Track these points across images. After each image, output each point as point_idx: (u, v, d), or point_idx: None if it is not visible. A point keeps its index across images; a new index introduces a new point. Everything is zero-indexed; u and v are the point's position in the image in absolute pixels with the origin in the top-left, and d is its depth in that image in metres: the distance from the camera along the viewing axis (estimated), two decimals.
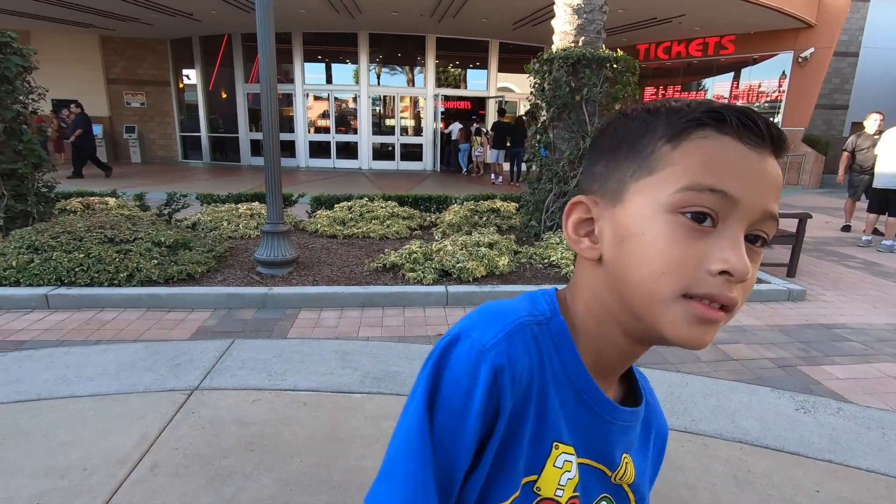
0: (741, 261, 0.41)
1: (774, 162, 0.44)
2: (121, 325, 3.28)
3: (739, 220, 0.42)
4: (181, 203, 5.61)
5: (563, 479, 0.49)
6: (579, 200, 0.49)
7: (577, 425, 0.50)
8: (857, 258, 5.66)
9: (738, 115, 0.42)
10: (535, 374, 0.47)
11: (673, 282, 0.42)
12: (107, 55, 15.49)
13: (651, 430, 0.59)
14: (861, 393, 2.65)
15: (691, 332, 0.42)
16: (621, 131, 0.48)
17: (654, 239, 0.42)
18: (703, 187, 0.41)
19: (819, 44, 12.81)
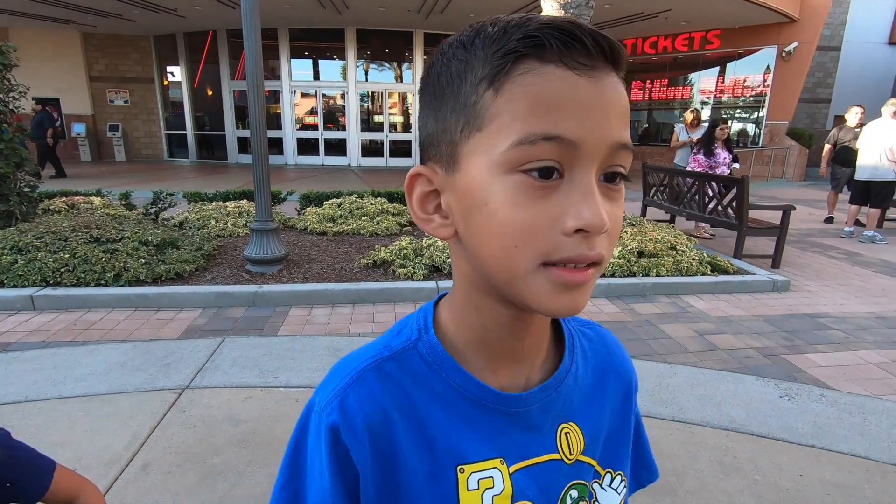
0: (596, 212, 0.35)
1: (613, 80, 0.37)
2: (109, 326, 3.25)
3: (587, 164, 0.36)
4: (168, 202, 5.55)
5: (486, 499, 0.44)
6: (417, 172, 0.42)
7: (495, 432, 0.45)
8: (840, 249, 5.77)
9: (559, 35, 0.35)
10: (394, 413, 0.43)
11: (527, 253, 0.36)
12: (89, 52, 15.22)
13: (607, 379, 0.53)
14: (843, 380, 2.71)
15: (560, 301, 0.37)
16: (442, 76, 0.39)
17: (498, 207, 0.36)
18: (537, 137, 0.34)
19: (802, 38, 12.98)
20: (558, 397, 0.48)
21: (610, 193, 0.38)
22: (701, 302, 3.87)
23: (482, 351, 0.45)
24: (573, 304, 0.38)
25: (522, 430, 0.46)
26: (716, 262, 4.40)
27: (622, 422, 0.54)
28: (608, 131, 0.36)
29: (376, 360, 0.45)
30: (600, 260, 0.37)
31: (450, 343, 0.46)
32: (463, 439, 0.44)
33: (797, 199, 10.09)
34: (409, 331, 0.47)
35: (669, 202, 6.06)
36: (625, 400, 0.55)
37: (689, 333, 3.29)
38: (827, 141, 7.29)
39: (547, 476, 0.47)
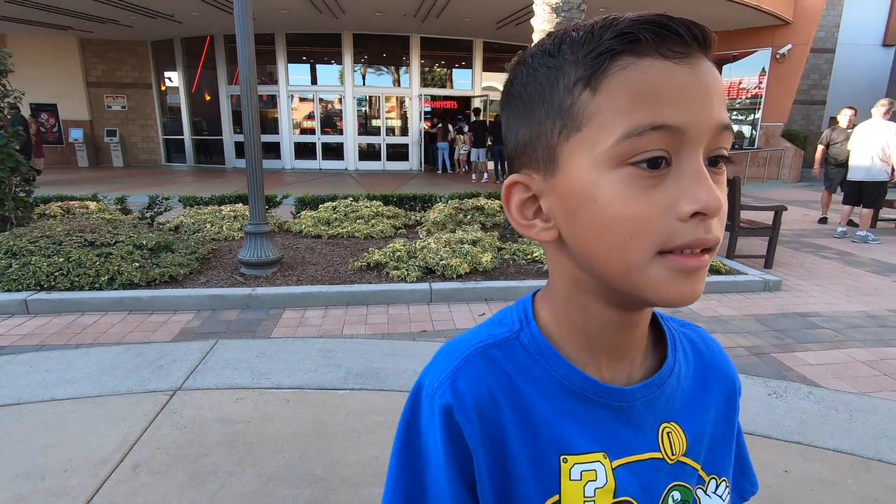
0: (711, 194, 0.35)
1: (707, 64, 0.37)
2: (102, 329, 3.26)
3: (694, 149, 0.36)
4: (163, 206, 5.57)
5: (588, 491, 0.44)
6: (513, 181, 0.44)
7: (598, 425, 0.45)
8: (833, 249, 5.80)
9: (651, 27, 0.36)
10: (501, 397, 0.44)
11: (644, 243, 0.37)
12: (86, 57, 15.27)
13: (710, 381, 0.53)
14: (831, 377, 2.73)
15: (680, 288, 0.37)
16: (530, 86, 0.41)
17: (608, 203, 0.37)
18: (643, 128, 0.35)
19: (796, 40, 13.06)
20: (661, 395, 0.48)
21: (716, 177, 0.38)
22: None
23: (584, 346, 0.46)
24: (692, 290, 0.38)
25: (625, 425, 0.46)
26: None
27: (726, 425, 0.53)
28: (711, 114, 0.37)
29: (483, 346, 0.46)
30: (716, 243, 0.37)
31: (551, 336, 0.46)
32: (566, 430, 0.45)
33: (792, 199, 10.14)
34: (511, 322, 0.48)
35: None
36: (729, 403, 0.54)
37: None
38: (819, 142, 7.34)
39: (649, 474, 0.46)
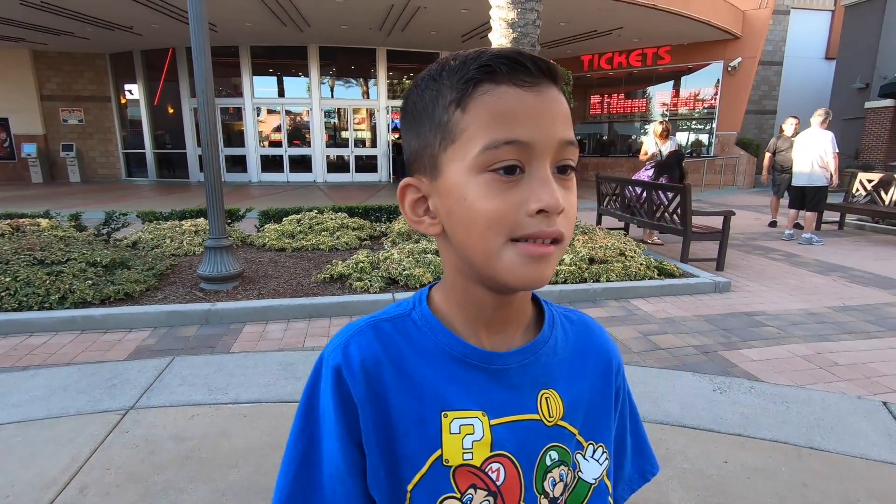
0: (552, 196, 0.43)
1: (555, 92, 0.46)
2: (52, 350, 3.16)
3: (541, 159, 0.44)
4: (121, 222, 5.43)
5: (466, 443, 0.50)
6: (406, 183, 0.51)
7: (478, 388, 0.51)
8: (780, 251, 6.11)
9: (506, 61, 0.44)
10: (386, 362, 0.51)
11: (497, 233, 0.44)
12: (40, 70, 14.78)
13: (587, 356, 0.59)
14: (772, 372, 2.89)
15: (526, 271, 0.45)
16: (419, 104, 0.49)
17: (473, 200, 0.45)
18: (499, 142, 0.43)
19: (745, 54, 13.77)
20: (536, 362, 0.54)
21: (563, 183, 0.46)
22: (647, 304, 4.04)
23: (467, 321, 0.53)
24: (539, 274, 0.45)
25: (504, 388, 0.52)
26: (662, 266, 4.60)
27: (602, 396, 0.59)
28: (555, 132, 0.45)
29: (374, 320, 0.54)
30: (560, 236, 0.45)
31: (441, 315, 0.54)
32: (448, 391, 0.51)
33: (746, 205, 10.61)
34: (406, 304, 0.56)
35: (622, 211, 6.30)
36: (604, 376, 0.60)
37: (634, 335, 3.44)
38: (766, 149, 7.74)
39: (526, 433, 0.52)
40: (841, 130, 15.19)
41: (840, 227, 7.77)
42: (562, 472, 0.55)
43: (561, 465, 0.54)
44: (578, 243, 4.71)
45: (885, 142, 14.32)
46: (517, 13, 4.98)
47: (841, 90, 16.56)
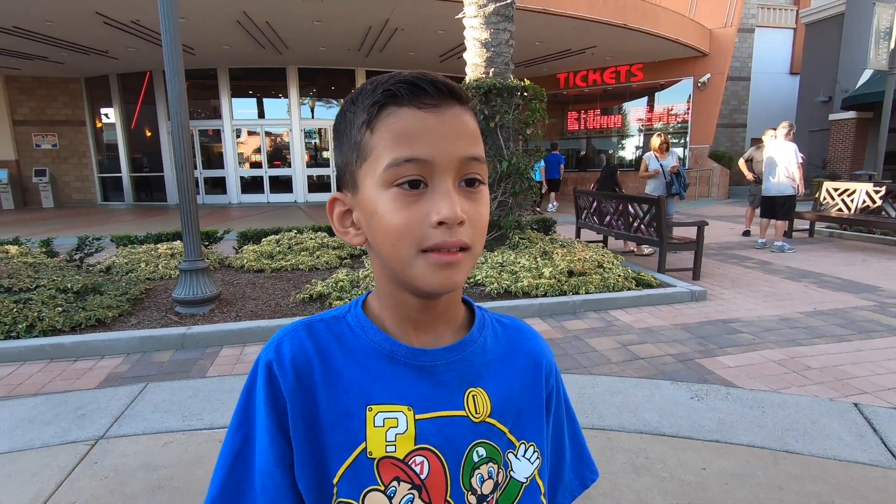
0: (451, 208, 0.46)
1: (457, 111, 0.49)
2: (18, 380, 3.05)
3: (443, 174, 0.47)
4: (94, 247, 5.32)
5: (390, 436, 0.52)
6: (334, 197, 0.55)
7: (405, 383, 0.53)
8: (754, 259, 6.25)
9: (407, 85, 0.48)
10: (316, 358, 0.54)
11: (406, 244, 0.48)
12: (12, 95, 14.55)
13: (516, 357, 0.61)
14: (747, 378, 2.93)
15: (437, 277, 0.48)
16: (341, 125, 0.53)
17: (383, 213, 0.48)
18: (400, 160, 0.47)
19: (714, 70, 14.26)
20: (463, 360, 0.56)
21: (470, 195, 0.49)
22: (626, 315, 4.09)
23: (398, 322, 0.56)
24: (448, 279, 0.49)
25: (431, 385, 0.54)
26: (640, 276, 4.67)
27: (533, 397, 0.61)
28: (454, 149, 0.48)
29: (309, 321, 0.57)
30: (465, 245, 0.48)
31: (375, 317, 0.57)
32: (375, 386, 0.53)
33: (720, 215, 10.86)
34: (342, 308, 0.59)
35: (599, 224, 6.40)
36: (534, 378, 0.61)
37: (613, 345, 3.46)
38: (742, 157, 7.90)
39: (452, 429, 0.54)
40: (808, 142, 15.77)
41: (810, 234, 8.00)
42: (490, 468, 0.55)
43: (489, 461, 0.56)
44: (558, 256, 4.76)
45: (849, 152, 14.88)
46: (490, 33, 5.10)
47: (806, 103, 17.22)
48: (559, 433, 0.66)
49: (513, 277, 4.41)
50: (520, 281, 4.32)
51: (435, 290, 0.50)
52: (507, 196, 5.28)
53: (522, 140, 5.41)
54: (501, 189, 5.23)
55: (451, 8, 7.06)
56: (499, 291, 4.30)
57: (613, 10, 10.91)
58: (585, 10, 10.45)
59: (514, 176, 5.16)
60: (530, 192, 5.40)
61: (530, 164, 5.38)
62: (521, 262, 4.66)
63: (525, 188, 5.27)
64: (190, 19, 9.11)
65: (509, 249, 5.13)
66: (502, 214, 5.29)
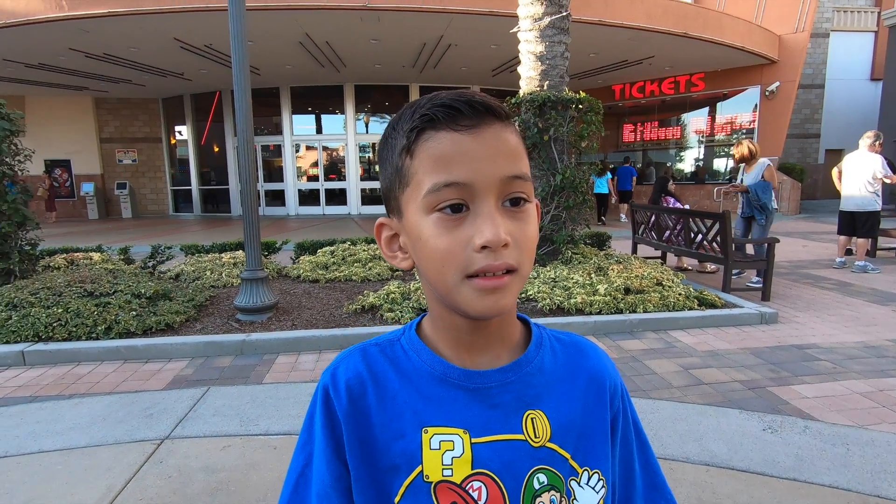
0: (493, 231, 0.45)
1: (500, 129, 0.48)
2: (96, 378, 3.28)
3: (484, 197, 0.47)
4: (165, 255, 5.67)
5: (446, 459, 0.51)
6: (381, 222, 0.56)
7: (460, 406, 0.53)
8: (832, 279, 5.77)
9: (444, 108, 0.47)
10: (370, 382, 0.54)
11: (451, 270, 0.47)
12: (100, 115, 15.98)
13: (577, 377, 0.58)
14: (828, 410, 2.68)
15: (484, 303, 0.47)
16: (384, 151, 0.53)
17: (427, 239, 0.48)
18: (439, 186, 0.46)
19: (783, 78, 13.45)
20: (519, 381, 0.54)
21: (515, 215, 0.48)
22: (688, 336, 3.87)
23: (451, 345, 0.55)
24: (495, 304, 0.48)
25: (486, 407, 0.53)
26: (703, 296, 4.41)
27: (596, 419, 0.57)
28: (494, 170, 0.47)
29: (364, 345, 0.58)
30: (511, 268, 0.47)
31: (427, 340, 0.57)
32: (430, 408, 0.53)
33: (791, 231, 10.15)
34: (397, 331, 0.60)
35: (657, 239, 6.14)
36: (598, 398, 0.58)
37: (674, 368, 3.28)
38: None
39: (511, 454, 0.52)
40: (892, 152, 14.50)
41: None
42: (552, 496, 0.53)
43: (551, 489, 0.53)
44: (613, 273, 4.59)
45: None
46: (545, 46, 5.06)
47: (890, 112, 15.85)
48: (628, 458, 0.61)
49: (566, 293, 4.29)
50: (573, 297, 4.20)
51: (482, 315, 0.49)
52: (560, 210, 5.17)
53: (577, 153, 5.29)
54: (555, 203, 5.13)
55: (505, 23, 7.08)
56: (551, 308, 4.19)
57: (674, 18, 10.57)
58: (643, 20, 10.18)
59: (568, 189, 5.05)
60: (584, 206, 5.27)
61: (585, 177, 5.26)
62: (574, 278, 4.53)
63: (579, 202, 5.15)
64: (257, 42, 9.67)
65: (562, 264, 5.01)
66: (555, 229, 5.19)
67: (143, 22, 8.83)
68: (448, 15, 9.02)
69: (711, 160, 15.84)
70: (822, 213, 14.25)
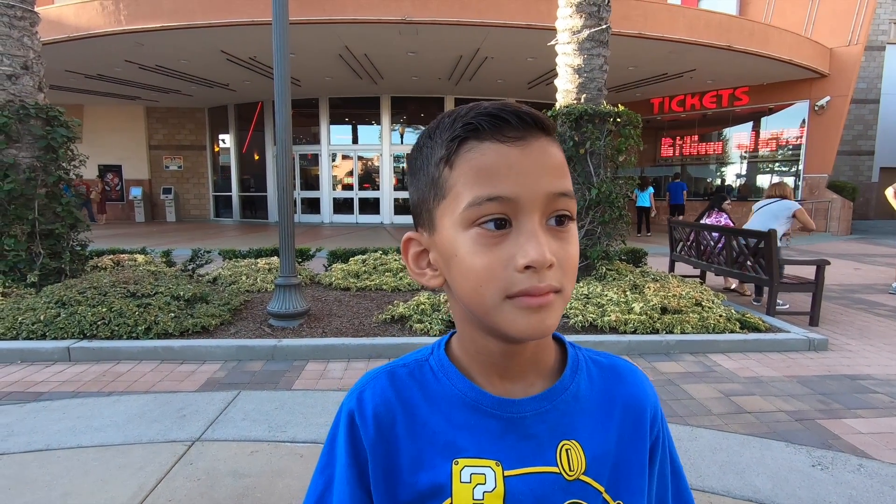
0: (538, 250, 0.42)
1: (543, 143, 0.45)
2: (135, 377, 3.38)
3: (529, 213, 0.44)
4: (205, 259, 5.86)
5: (477, 493, 0.48)
6: (409, 237, 0.52)
7: (492, 436, 0.50)
8: (888, 306, 5.41)
9: (488, 118, 0.44)
10: (398, 407, 0.52)
11: (490, 290, 0.44)
12: (150, 123, 16.80)
13: (615, 404, 0.55)
14: (886, 448, 2.49)
15: (528, 322, 0.44)
16: (418, 161, 0.50)
17: (464, 256, 0.45)
18: (482, 199, 0.43)
19: (834, 92, 12.89)
20: (555, 410, 0.51)
21: (559, 234, 0.45)
22: (729, 361, 3.69)
23: (482, 369, 0.52)
24: (540, 323, 0.44)
25: (520, 437, 0.50)
26: (745, 318, 4.21)
27: (633, 450, 0.54)
28: (540, 185, 0.44)
29: (392, 367, 0.55)
30: (555, 289, 0.44)
31: (458, 362, 0.53)
32: (461, 437, 0.50)
33: (841, 253, 9.63)
34: (425, 350, 0.57)
35: (697, 258, 5.92)
36: (635, 428, 0.55)
37: (714, 394, 3.12)
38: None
39: (544, 487, 0.49)
40: None
41: None
42: None
43: None
44: (649, 291, 4.44)
45: None
46: (583, 59, 5.00)
47: None
48: (663, 491, 0.57)
49: (599, 311, 4.18)
50: (607, 315, 4.08)
51: (525, 337, 0.45)
52: (595, 225, 5.06)
53: (613, 167, 5.19)
54: (590, 218, 5.03)
55: (542, 36, 7.06)
56: (583, 325, 4.08)
57: (717, 31, 10.31)
58: (685, 33, 9.97)
59: (604, 204, 4.94)
60: (620, 222, 5.14)
61: (621, 191, 5.14)
62: (608, 295, 4.41)
63: (615, 217, 5.03)
64: (298, 55, 9.98)
65: (596, 280, 4.89)
66: (589, 244, 5.08)
67: (193, 35, 9.26)
68: (485, 28, 9.08)
69: (755, 176, 15.27)
70: (876, 234, 13.48)
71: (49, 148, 4.65)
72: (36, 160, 4.61)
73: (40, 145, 4.62)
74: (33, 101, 4.67)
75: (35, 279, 4.49)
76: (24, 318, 3.80)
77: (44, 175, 4.63)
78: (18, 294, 4.32)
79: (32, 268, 4.57)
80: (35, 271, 4.53)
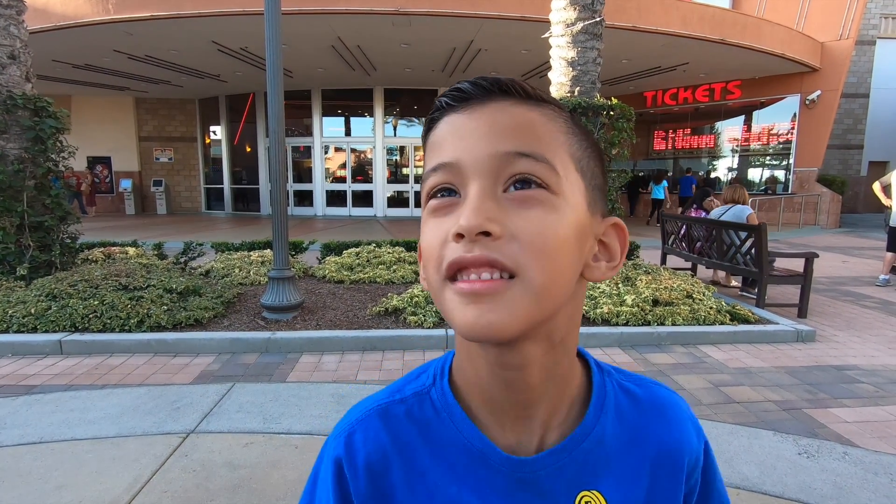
0: (468, 216, 0.36)
1: (504, 105, 0.40)
2: (128, 370, 3.37)
3: (474, 178, 0.38)
4: (197, 251, 5.82)
5: None
6: None
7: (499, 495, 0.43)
8: (874, 298, 5.51)
9: (450, 94, 0.42)
10: (395, 457, 0.45)
11: (430, 269, 0.39)
12: (140, 115, 16.57)
13: (647, 446, 0.47)
14: (870, 437, 2.54)
15: (464, 314, 0.37)
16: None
17: (421, 238, 0.42)
18: (429, 169, 0.41)
19: (825, 86, 12.98)
20: (573, 462, 0.44)
21: (522, 202, 0.38)
22: (719, 352, 3.74)
23: (486, 404, 0.44)
24: (476, 318, 0.36)
25: (534, 495, 0.43)
26: (735, 311, 4.27)
27: (664, 500, 0.47)
28: (487, 145, 0.38)
29: (387, 403, 0.47)
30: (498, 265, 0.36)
31: (462, 390, 0.46)
32: (465, 493, 0.43)
33: (830, 246, 9.76)
34: (426, 376, 0.48)
35: (688, 250, 5.97)
36: (671, 477, 0.47)
37: (703, 385, 3.17)
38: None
39: None
40: None
41: None
42: None
43: None
44: (641, 283, 4.48)
45: None
46: (577, 52, 5.00)
47: None
48: None
49: (591, 303, 4.21)
50: (599, 307, 4.12)
51: (466, 336, 0.37)
52: None
53: (606, 160, 5.21)
54: None
55: (536, 28, 7.05)
56: None
57: (710, 24, 10.33)
58: (678, 26, 9.98)
59: None
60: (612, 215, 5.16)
61: (614, 185, 5.16)
62: (600, 287, 4.45)
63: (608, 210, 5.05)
64: (290, 45, 9.87)
65: None
66: None
67: (183, 25, 9.12)
68: (479, 20, 9.03)
69: (746, 170, 15.39)
70: (864, 228, 13.66)
71: (37, 139, 4.59)
72: (24, 151, 4.55)
73: (28, 136, 4.56)
74: (21, 92, 4.60)
75: (25, 272, 4.44)
76: (15, 312, 3.77)
77: (32, 167, 4.57)
78: (8, 287, 4.28)
79: (22, 261, 4.52)
80: (25, 264, 4.48)
